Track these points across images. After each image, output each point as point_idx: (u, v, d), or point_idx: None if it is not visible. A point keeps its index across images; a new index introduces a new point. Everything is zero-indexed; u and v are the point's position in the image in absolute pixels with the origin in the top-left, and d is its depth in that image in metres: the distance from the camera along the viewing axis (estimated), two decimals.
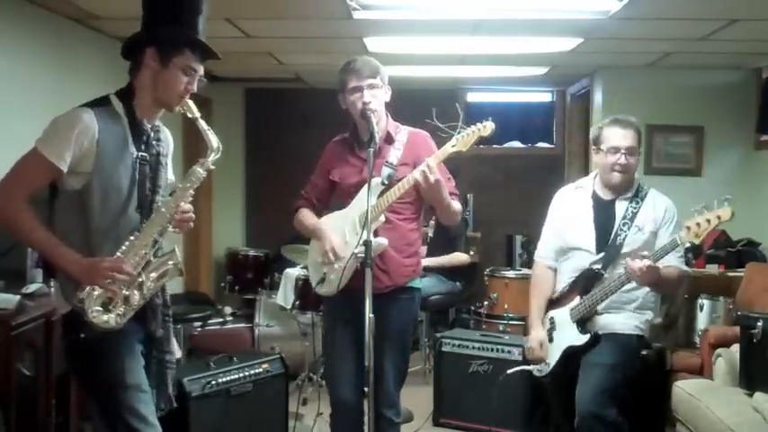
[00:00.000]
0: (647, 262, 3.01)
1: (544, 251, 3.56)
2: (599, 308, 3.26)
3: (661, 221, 3.31)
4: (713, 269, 5.28)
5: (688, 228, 2.96)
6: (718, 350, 4.15)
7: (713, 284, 4.96)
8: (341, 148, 3.24)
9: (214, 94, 7.47)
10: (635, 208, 3.32)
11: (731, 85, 6.24)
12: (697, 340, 4.69)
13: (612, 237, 3.29)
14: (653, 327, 4.61)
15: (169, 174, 2.57)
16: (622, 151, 3.29)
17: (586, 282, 3.30)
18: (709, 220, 2.91)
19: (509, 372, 3.89)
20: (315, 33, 5.03)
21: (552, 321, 3.41)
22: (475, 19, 4.53)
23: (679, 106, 6.23)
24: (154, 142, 2.47)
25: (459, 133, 2.95)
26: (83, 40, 4.69)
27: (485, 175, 7.62)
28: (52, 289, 3.37)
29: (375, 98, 3.05)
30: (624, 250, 3.25)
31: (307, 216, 3.24)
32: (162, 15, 2.43)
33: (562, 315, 3.35)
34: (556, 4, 4.25)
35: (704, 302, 4.79)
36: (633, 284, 3.21)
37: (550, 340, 3.40)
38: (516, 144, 7.92)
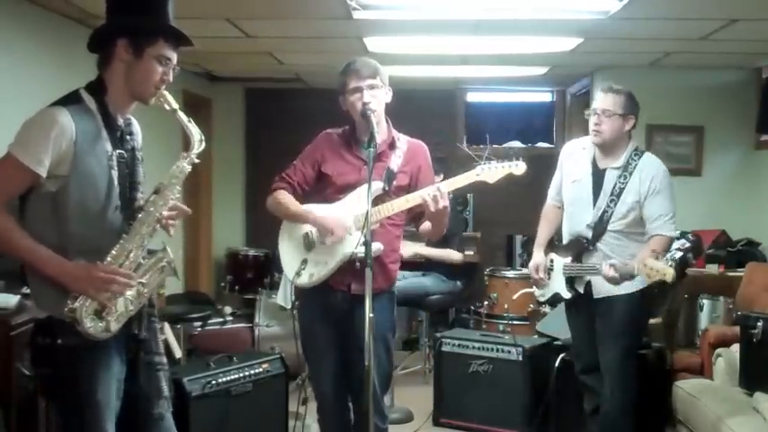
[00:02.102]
0: (612, 273, 3.30)
1: (552, 193, 3.85)
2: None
3: (646, 193, 3.46)
4: (713, 269, 5.29)
5: (645, 264, 3.22)
6: (718, 350, 4.15)
7: (713, 284, 4.97)
8: (337, 142, 3.20)
9: (214, 94, 7.47)
10: (622, 183, 3.49)
11: (731, 85, 6.23)
12: (697, 340, 4.69)
13: (601, 212, 3.50)
14: (653, 327, 4.64)
15: None
16: (597, 112, 3.50)
17: (578, 248, 3.58)
18: (658, 271, 3.19)
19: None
20: (315, 33, 5.03)
21: (552, 263, 3.70)
22: (475, 19, 4.53)
23: (679, 106, 6.22)
24: (127, 137, 2.39)
25: (485, 163, 2.96)
26: (81, 39, 4.67)
27: None
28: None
29: (375, 98, 3.05)
30: (611, 224, 3.49)
31: (289, 199, 3.16)
32: (130, 4, 2.35)
33: (558, 264, 3.65)
34: (556, 4, 4.25)
35: (704, 302, 4.80)
36: (622, 248, 3.48)
37: (548, 276, 3.73)
38: (516, 144, 7.91)
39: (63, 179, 2.21)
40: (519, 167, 3.02)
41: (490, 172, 2.97)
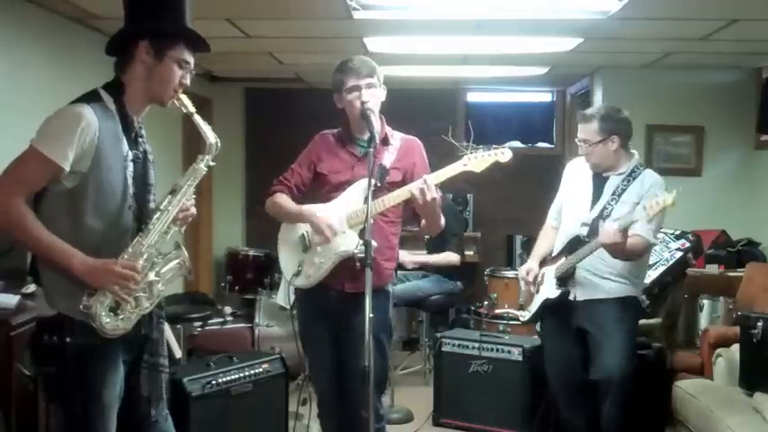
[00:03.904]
0: (615, 225, 3.23)
1: (552, 214, 3.87)
2: (578, 268, 3.50)
3: (645, 194, 3.46)
4: (713, 269, 5.28)
5: (644, 207, 3.19)
6: (718, 350, 4.15)
7: (713, 284, 4.97)
8: (331, 141, 3.23)
9: (214, 94, 7.47)
10: (625, 185, 3.52)
11: (731, 85, 6.24)
12: (697, 340, 4.69)
13: (601, 209, 3.51)
14: (653, 327, 4.64)
15: None
16: (580, 144, 3.56)
17: (573, 247, 3.54)
18: (658, 203, 3.16)
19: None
20: (315, 33, 5.03)
21: (543, 276, 3.68)
22: (475, 19, 4.53)
23: (679, 106, 6.22)
24: (140, 139, 2.41)
25: (471, 152, 2.95)
26: (82, 40, 4.69)
27: (485, 175, 7.57)
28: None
29: (373, 97, 3.06)
30: (608, 220, 3.45)
31: (286, 200, 3.18)
32: (151, 8, 2.37)
33: (549, 273, 3.63)
34: (556, 4, 4.25)
35: (704, 302, 4.80)
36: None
37: (537, 292, 3.69)
38: (516, 144, 7.91)
39: (82, 176, 2.23)
40: (505, 155, 2.99)
41: (477, 161, 2.96)
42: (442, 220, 3.16)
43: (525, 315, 3.79)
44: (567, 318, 3.55)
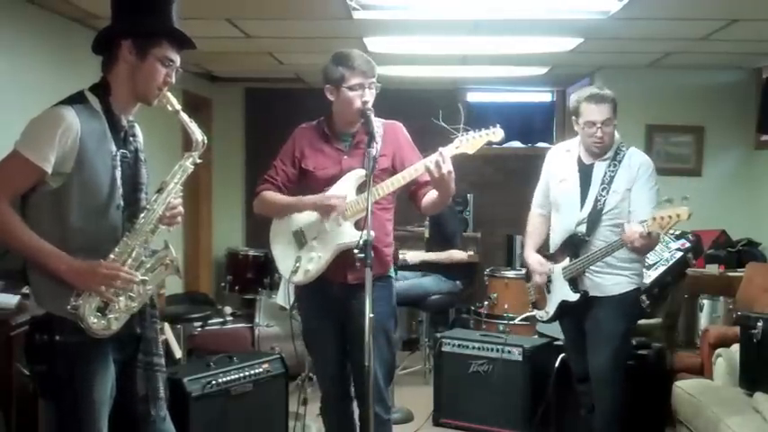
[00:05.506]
0: (639, 229, 3.18)
1: (537, 201, 3.86)
2: (589, 269, 3.48)
3: (635, 178, 3.46)
4: (713, 269, 5.29)
5: (654, 218, 3.17)
6: (718, 350, 4.15)
7: (713, 284, 4.97)
8: (313, 135, 3.21)
9: (214, 94, 7.47)
10: (612, 172, 3.50)
11: (731, 85, 6.24)
12: (697, 340, 4.69)
13: (593, 202, 3.48)
14: (653, 327, 4.64)
15: None
16: (598, 125, 3.46)
17: (574, 246, 3.52)
18: (671, 216, 3.12)
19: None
20: (315, 33, 5.03)
21: (548, 276, 3.64)
22: (475, 19, 4.53)
23: (679, 106, 6.23)
24: (131, 138, 2.41)
25: (463, 135, 2.94)
26: (83, 40, 4.68)
27: (485, 175, 7.61)
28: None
29: (373, 97, 3.06)
30: (605, 214, 3.46)
31: (277, 196, 3.16)
32: (135, 6, 2.37)
33: (556, 272, 3.60)
34: (556, 4, 4.25)
35: (704, 302, 4.80)
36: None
37: (548, 291, 3.67)
38: (516, 144, 7.91)
39: (66, 176, 2.23)
40: (496, 134, 2.96)
41: (469, 143, 2.94)
42: (453, 194, 3.07)
43: (543, 315, 3.72)
44: (584, 313, 3.55)
